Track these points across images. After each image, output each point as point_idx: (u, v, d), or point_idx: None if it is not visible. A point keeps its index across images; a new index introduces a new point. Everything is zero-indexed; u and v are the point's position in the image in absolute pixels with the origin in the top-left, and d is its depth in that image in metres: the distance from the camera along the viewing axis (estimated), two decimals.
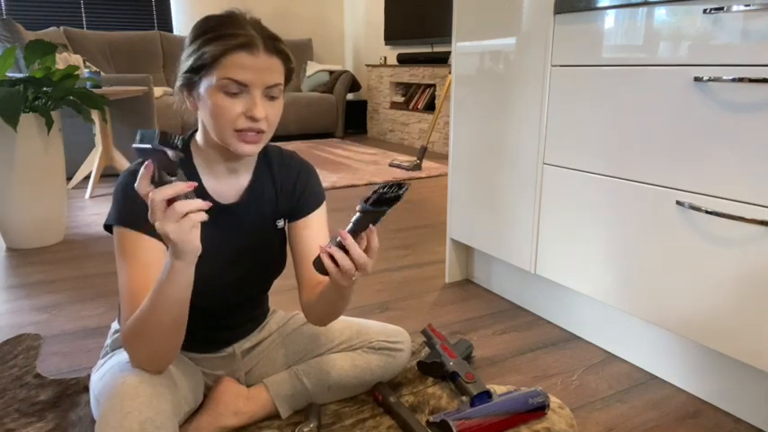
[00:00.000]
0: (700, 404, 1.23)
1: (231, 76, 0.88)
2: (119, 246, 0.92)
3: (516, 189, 1.59)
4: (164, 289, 0.82)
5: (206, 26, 0.91)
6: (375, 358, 1.18)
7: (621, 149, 1.27)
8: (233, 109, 0.90)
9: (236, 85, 0.89)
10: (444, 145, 4.59)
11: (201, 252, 0.97)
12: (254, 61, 0.88)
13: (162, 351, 0.89)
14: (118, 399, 0.85)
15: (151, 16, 5.51)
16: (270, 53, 0.90)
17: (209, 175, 1.01)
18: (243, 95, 0.90)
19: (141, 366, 0.90)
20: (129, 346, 0.89)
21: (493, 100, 1.63)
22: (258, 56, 0.89)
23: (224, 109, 0.90)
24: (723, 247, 1.10)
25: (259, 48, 0.89)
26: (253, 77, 0.89)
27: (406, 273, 2.01)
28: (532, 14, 1.45)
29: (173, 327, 0.87)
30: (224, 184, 1.03)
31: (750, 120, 1.03)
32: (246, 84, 0.89)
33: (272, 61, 0.90)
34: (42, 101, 2.23)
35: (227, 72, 0.88)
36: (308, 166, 1.14)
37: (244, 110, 0.90)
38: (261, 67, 0.89)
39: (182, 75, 0.93)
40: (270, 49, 0.90)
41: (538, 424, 1.13)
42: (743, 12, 1.01)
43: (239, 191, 1.05)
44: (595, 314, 1.49)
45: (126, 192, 0.93)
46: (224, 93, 0.89)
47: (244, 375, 1.17)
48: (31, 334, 1.53)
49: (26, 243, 2.28)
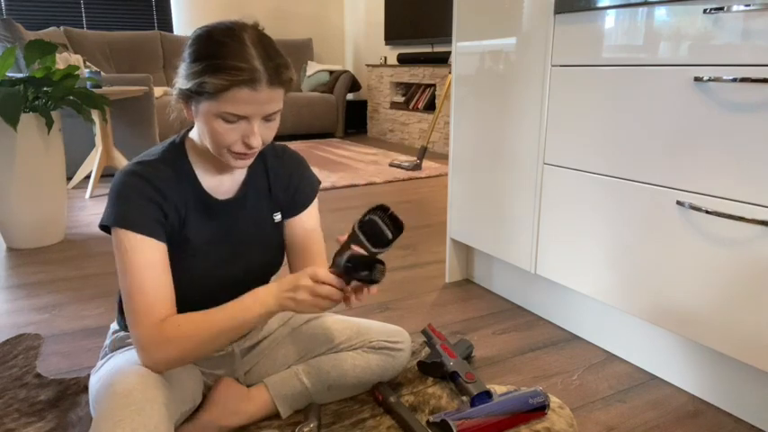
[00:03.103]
0: (700, 404, 1.23)
1: (231, 111, 0.88)
2: (120, 246, 0.92)
3: (516, 189, 1.59)
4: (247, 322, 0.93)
5: (209, 49, 0.88)
6: (375, 358, 1.18)
7: (622, 149, 1.27)
8: (230, 135, 0.91)
9: (237, 117, 0.89)
10: (444, 145, 4.59)
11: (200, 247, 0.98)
12: (256, 96, 0.88)
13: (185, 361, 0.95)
14: (110, 406, 0.85)
15: (151, 16, 5.51)
16: (273, 86, 0.89)
17: (205, 172, 1.02)
18: (241, 123, 0.90)
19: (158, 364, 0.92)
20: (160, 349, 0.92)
21: (493, 100, 1.63)
22: (261, 91, 0.88)
23: (221, 135, 0.91)
24: (723, 247, 1.10)
25: (262, 82, 0.87)
26: (253, 110, 0.89)
27: (406, 273, 2.01)
28: (532, 14, 1.45)
29: (213, 350, 0.96)
30: (219, 181, 1.04)
31: (750, 120, 1.03)
32: (246, 116, 0.89)
33: (274, 93, 0.90)
34: (42, 101, 2.23)
35: (228, 107, 0.88)
36: (300, 158, 1.16)
37: (240, 136, 0.91)
38: (263, 100, 0.89)
39: (180, 88, 0.92)
40: (274, 82, 0.89)
41: (538, 424, 1.13)
42: (743, 12, 1.01)
43: (235, 186, 1.06)
44: (595, 314, 1.49)
45: (123, 193, 0.93)
46: (222, 119, 0.89)
47: (243, 375, 1.17)
48: (31, 334, 1.53)
49: (26, 243, 2.28)
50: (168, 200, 0.96)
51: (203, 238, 1.01)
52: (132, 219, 0.92)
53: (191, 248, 1.00)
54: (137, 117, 3.62)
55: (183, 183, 0.99)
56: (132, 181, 0.94)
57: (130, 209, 0.92)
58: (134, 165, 0.96)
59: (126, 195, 0.93)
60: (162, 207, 0.95)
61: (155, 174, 0.95)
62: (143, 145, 3.65)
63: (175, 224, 0.98)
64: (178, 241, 0.99)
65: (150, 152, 1.00)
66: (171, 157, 1.00)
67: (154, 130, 3.70)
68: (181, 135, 1.03)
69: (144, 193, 0.93)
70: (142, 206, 0.93)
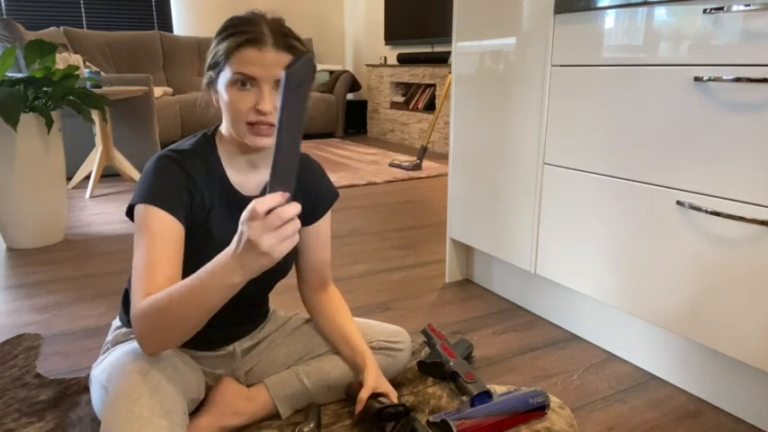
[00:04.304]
0: (700, 404, 1.23)
1: (240, 71, 0.91)
2: (142, 223, 0.92)
3: (516, 189, 1.59)
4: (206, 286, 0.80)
5: (224, 25, 0.95)
6: (375, 358, 1.18)
7: (622, 149, 1.27)
8: (243, 103, 0.93)
9: (247, 79, 0.92)
10: (444, 145, 4.59)
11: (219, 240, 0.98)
12: (262, 56, 0.91)
13: (172, 340, 0.88)
14: (127, 384, 0.87)
15: (151, 16, 5.51)
16: (279, 49, 0.92)
17: (232, 168, 1.04)
18: (253, 90, 0.93)
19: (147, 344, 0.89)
20: (141, 326, 0.87)
21: (493, 100, 1.63)
22: (266, 51, 0.91)
23: (235, 103, 0.93)
24: (723, 247, 1.10)
25: (267, 43, 0.91)
26: (261, 72, 0.92)
27: (406, 273, 2.01)
28: (532, 14, 1.45)
29: (193, 325, 0.85)
30: (245, 178, 1.05)
31: (750, 120, 1.03)
32: (255, 77, 0.92)
33: (280, 56, 0.93)
34: (42, 101, 2.23)
35: (237, 67, 0.92)
36: (320, 166, 1.18)
37: (253, 103, 0.93)
38: (269, 62, 0.91)
39: (206, 73, 0.98)
40: (279, 44, 0.93)
41: (538, 424, 1.13)
42: (743, 12, 1.01)
43: (260, 185, 1.07)
44: (595, 314, 1.49)
45: (155, 174, 0.95)
46: (236, 88, 0.93)
47: (244, 374, 1.17)
48: (31, 334, 1.53)
49: (26, 243, 2.28)
50: (198, 188, 0.98)
51: (225, 233, 1.01)
52: (159, 197, 0.93)
53: (212, 241, 1.00)
54: (137, 117, 3.62)
55: (212, 175, 1.01)
56: (165, 164, 0.96)
57: (159, 189, 0.94)
58: (168, 151, 0.99)
59: (157, 177, 0.95)
60: (191, 193, 0.97)
61: (187, 162, 0.98)
62: (143, 145, 3.66)
63: (200, 214, 0.99)
64: (200, 232, 0.99)
65: (183, 143, 1.03)
66: (202, 148, 1.02)
67: (154, 130, 3.70)
68: (212, 129, 1.05)
69: (175, 177, 0.96)
70: (172, 188, 0.95)
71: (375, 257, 2.16)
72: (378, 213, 2.82)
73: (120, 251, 2.25)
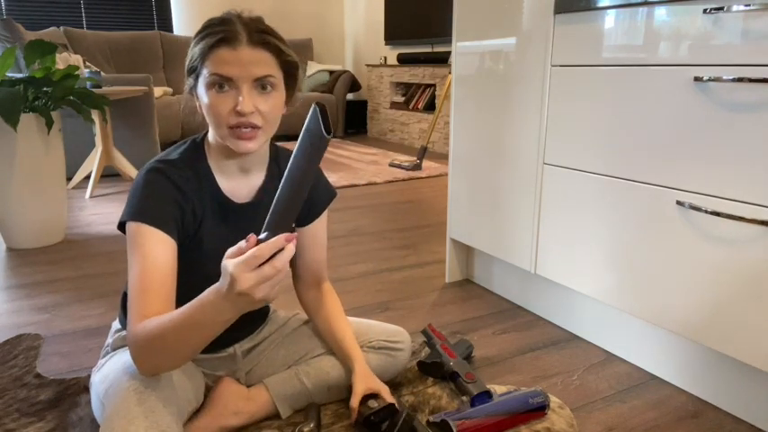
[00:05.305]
0: (700, 404, 1.23)
1: (216, 71, 0.89)
2: (133, 241, 0.91)
3: (516, 189, 1.59)
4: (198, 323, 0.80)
5: (200, 28, 0.93)
6: (375, 358, 1.18)
7: (622, 149, 1.27)
8: (223, 105, 0.90)
9: (223, 80, 0.89)
10: (444, 145, 4.59)
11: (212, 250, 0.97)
12: (236, 54, 0.89)
13: (168, 366, 0.89)
14: (123, 403, 0.85)
15: (151, 16, 5.51)
16: (254, 46, 0.90)
17: (222, 174, 1.02)
18: (231, 92, 0.90)
19: (142, 367, 0.89)
20: (136, 350, 0.87)
21: (493, 100, 1.63)
22: (240, 49, 0.89)
23: (215, 106, 0.91)
24: (723, 247, 1.10)
25: (241, 41, 0.89)
26: (236, 71, 0.89)
27: (406, 273, 2.01)
28: (532, 14, 1.45)
29: (186, 355, 0.86)
30: (237, 184, 1.03)
31: (750, 120, 1.03)
32: (231, 77, 0.89)
33: (256, 53, 0.90)
34: (42, 101, 2.23)
35: (213, 68, 0.89)
36: None
37: (233, 105, 0.90)
38: (244, 60, 0.89)
39: (186, 79, 0.95)
40: (255, 41, 0.90)
41: (538, 424, 1.13)
42: (743, 12, 1.01)
43: (252, 191, 1.05)
44: (595, 314, 1.49)
45: (144, 189, 0.93)
46: (215, 90, 0.90)
47: (244, 375, 1.17)
48: (31, 334, 1.53)
49: (26, 243, 2.28)
50: (188, 200, 0.96)
51: (217, 242, 1.00)
52: (149, 213, 0.91)
53: (203, 251, 1.00)
54: (137, 117, 3.62)
55: (202, 184, 0.99)
56: (154, 178, 0.94)
57: (149, 204, 0.92)
58: (156, 162, 0.96)
59: (147, 192, 0.93)
60: (181, 206, 0.95)
61: (176, 173, 0.95)
62: (143, 145, 3.66)
63: (192, 226, 0.98)
64: (192, 243, 0.98)
65: (171, 151, 1.00)
66: (191, 156, 0.99)
67: (154, 130, 3.70)
68: (201, 135, 1.03)
69: (165, 191, 0.93)
70: (162, 203, 0.93)
71: (375, 257, 2.16)
72: (378, 213, 2.82)
73: (120, 251, 2.25)
